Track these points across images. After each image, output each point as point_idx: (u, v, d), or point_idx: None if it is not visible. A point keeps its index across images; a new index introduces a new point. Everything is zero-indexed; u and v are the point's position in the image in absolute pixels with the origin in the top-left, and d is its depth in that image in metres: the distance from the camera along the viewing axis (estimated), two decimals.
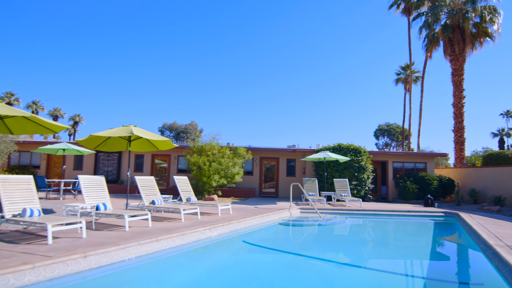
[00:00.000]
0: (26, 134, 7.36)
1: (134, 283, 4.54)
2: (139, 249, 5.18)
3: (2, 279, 3.49)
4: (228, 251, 6.76)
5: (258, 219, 9.04)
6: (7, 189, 5.73)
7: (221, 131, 53.68)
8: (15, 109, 5.44)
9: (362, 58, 74.15)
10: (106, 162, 18.57)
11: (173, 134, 58.54)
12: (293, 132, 73.84)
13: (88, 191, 7.17)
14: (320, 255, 6.62)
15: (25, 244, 4.97)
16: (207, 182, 14.50)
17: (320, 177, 15.88)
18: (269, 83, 75.10)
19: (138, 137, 8.48)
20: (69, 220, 5.56)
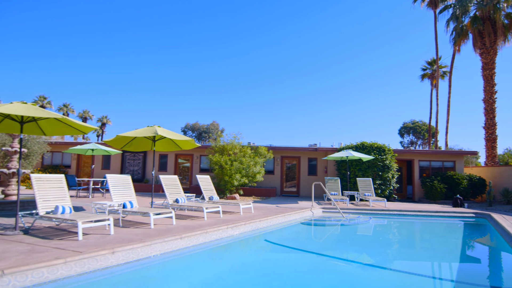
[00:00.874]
0: (57, 135, 7.72)
1: (160, 279, 4.67)
2: (164, 246, 5.32)
3: (37, 272, 3.70)
4: (250, 250, 6.80)
5: (280, 218, 9.03)
6: (41, 188, 6.06)
7: (242, 130, 54.07)
8: (48, 111, 5.73)
9: (386, 54, 72.14)
10: (132, 162, 19.17)
11: (195, 134, 59.52)
12: (314, 131, 73.05)
13: (115, 189, 7.44)
14: (343, 255, 6.52)
15: (58, 239, 5.22)
16: (228, 181, 14.64)
17: (343, 176, 15.62)
18: (290, 83, 74.69)
19: (162, 137, 8.70)
20: (98, 217, 5.79)
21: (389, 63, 71.73)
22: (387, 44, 70.28)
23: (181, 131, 60.00)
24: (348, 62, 71.85)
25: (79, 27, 70.48)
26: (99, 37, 71.98)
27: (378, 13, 66.75)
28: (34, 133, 7.13)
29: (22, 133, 6.13)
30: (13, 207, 8.34)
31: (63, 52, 72.67)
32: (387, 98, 75.57)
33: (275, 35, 70.21)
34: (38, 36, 69.45)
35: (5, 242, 4.90)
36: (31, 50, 70.88)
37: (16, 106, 5.39)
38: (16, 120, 6.20)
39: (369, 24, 68.52)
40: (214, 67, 74.64)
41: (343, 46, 69.89)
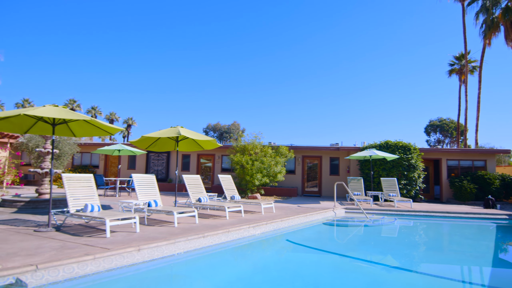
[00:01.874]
0: (86, 136, 8.06)
1: (183, 277, 4.77)
2: (187, 245, 5.42)
3: (68, 268, 3.88)
4: (272, 250, 6.80)
5: (302, 218, 8.97)
6: (71, 187, 6.35)
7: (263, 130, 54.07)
8: (77, 113, 5.99)
9: (411, 51, 69.89)
10: (156, 162, 19.67)
11: (216, 134, 60.20)
12: (336, 131, 71.95)
13: (141, 188, 7.66)
14: (367, 257, 6.38)
15: (87, 236, 5.45)
16: (250, 181, 14.70)
17: (366, 176, 15.28)
18: (312, 83, 74.00)
19: (185, 137, 8.87)
20: (125, 215, 5.99)
21: (415, 59, 69.45)
22: (413, 40, 68.06)
23: (202, 131, 60.89)
24: (371, 61, 70.22)
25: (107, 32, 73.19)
26: (125, 40, 74.44)
27: (403, 9, 64.79)
28: (65, 135, 7.48)
29: (54, 135, 6.45)
30: (46, 205, 8.79)
31: (91, 56, 75.71)
32: (412, 95, 73.22)
33: (298, 36, 69.86)
34: (69, 43, 72.73)
35: (39, 238, 5.18)
36: (61, 55, 74.34)
37: (48, 109, 5.68)
38: (49, 122, 6.53)
39: (393, 20, 66.66)
40: (236, 68, 75.24)
41: (367, 45, 68.38)
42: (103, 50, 75.78)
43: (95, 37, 73.88)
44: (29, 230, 5.83)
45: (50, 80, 78.91)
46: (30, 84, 77.50)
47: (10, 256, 4.06)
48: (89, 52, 75.66)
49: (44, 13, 68.40)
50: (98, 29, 73.60)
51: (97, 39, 74.39)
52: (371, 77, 71.19)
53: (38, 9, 67.05)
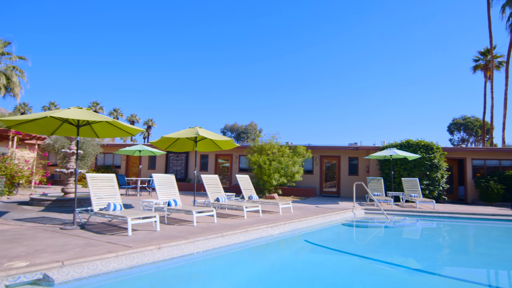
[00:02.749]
0: (109, 137, 8.30)
1: (202, 275, 4.83)
2: (206, 244, 5.49)
3: (92, 265, 4.00)
4: (290, 250, 6.77)
5: (320, 219, 8.88)
6: (95, 186, 6.56)
7: (280, 130, 54.04)
8: (100, 115, 6.19)
9: (433, 47, 67.77)
10: (175, 162, 20.01)
11: (234, 134, 60.54)
12: (354, 130, 70.81)
13: (161, 188, 7.82)
14: (388, 258, 6.24)
15: (110, 234, 5.62)
16: (267, 181, 14.70)
17: (386, 176, 14.95)
18: (329, 83, 73.17)
19: (203, 137, 8.98)
20: (145, 214, 6.13)
21: (437, 56, 67.29)
22: (435, 36, 65.97)
23: (220, 132, 61.40)
24: (391, 60, 68.61)
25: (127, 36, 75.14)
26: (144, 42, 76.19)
27: (424, 5, 62.91)
28: (88, 136, 7.74)
29: (78, 136, 6.68)
30: (71, 204, 9.12)
31: (114, 60, 77.96)
32: (434, 93, 70.99)
33: (317, 37, 69.38)
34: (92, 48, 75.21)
35: (65, 236, 5.38)
36: (85, 60, 77.01)
37: (73, 111, 5.89)
38: (73, 124, 6.78)
39: (414, 17, 64.85)
40: (253, 68, 75.46)
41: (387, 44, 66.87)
42: (125, 54, 77.89)
43: (117, 41, 76.07)
44: (56, 228, 6.07)
45: (75, 84, 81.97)
46: (56, 87, 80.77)
47: (38, 253, 4.24)
48: (111, 56, 77.98)
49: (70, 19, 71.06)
50: (119, 33, 75.72)
51: (119, 42, 76.56)
52: (391, 76, 69.59)
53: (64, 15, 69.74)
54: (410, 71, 69.57)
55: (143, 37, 77.12)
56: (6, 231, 5.67)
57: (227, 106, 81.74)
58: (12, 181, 12.36)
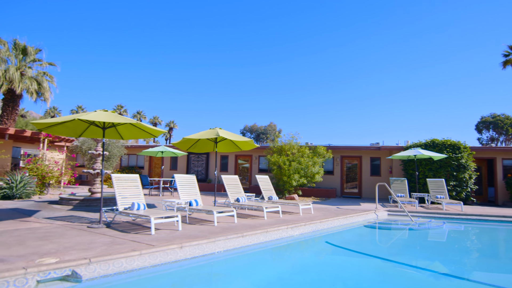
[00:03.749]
0: (133, 139, 8.55)
1: (223, 275, 4.88)
2: (227, 244, 5.53)
3: (117, 262, 4.14)
4: (311, 251, 6.71)
5: (341, 220, 8.75)
6: (120, 186, 6.77)
7: (299, 131, 53.67)
8: (125, 117, 6.39)
9: (459, 43, 65.13)
10: (196, 163, 20.32)
11: (253, 135, 60.70)
12: (376, 130, 69.24)
13: (182, 188, 7.96)
14: (412, 262, 6.06)
15: (134, 233, 5.78)
16: (287, 182, 14.63)
17: (410, 177, 14.50)
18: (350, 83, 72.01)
19: (223, 138, 9.08)
20: (168, 214, 6.27)
21: (463, 52, 64.60)
22: (461, 31, 63.38)
23: (240, 132, 61.74)
24: (414, 58, 66.55)
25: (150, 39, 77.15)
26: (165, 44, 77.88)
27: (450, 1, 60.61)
28: (113, 138, 8.00)
29: (104, 138, 6.93)
30: (98, 203, 9.46)
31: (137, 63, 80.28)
32: (461, 90, 68.15)
33: (338, 38, 68.46)
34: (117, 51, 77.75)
35: (92, 234, 5.59)
36: (110, 64, 79.74)
37: (99, 114, 6.12)
38: (99, 126, 7.03)
39: (439, 12, 62.61)
40: (272, 69, 75.40)
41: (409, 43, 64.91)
42: (148, 57, 80.00)
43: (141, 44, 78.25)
44: (83, 226, 6.32)
45: (100, 88, 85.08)
46: (83, 91, 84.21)
47: (67, 250, 4.43)
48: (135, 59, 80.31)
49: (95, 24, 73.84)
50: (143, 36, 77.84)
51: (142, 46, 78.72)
52: (414, 75, 67.48)
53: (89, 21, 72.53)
54: (435, 69, 67.20)
55: (165, 39, 78.95)
56: (38, 229, 5.96)
57: (247, 107, 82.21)
58: (43, 181, 12.99)
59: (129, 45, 78.84)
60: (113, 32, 76.48)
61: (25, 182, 11.19)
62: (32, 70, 20.43)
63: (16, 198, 10.93)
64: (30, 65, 20.53)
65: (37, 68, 20.93)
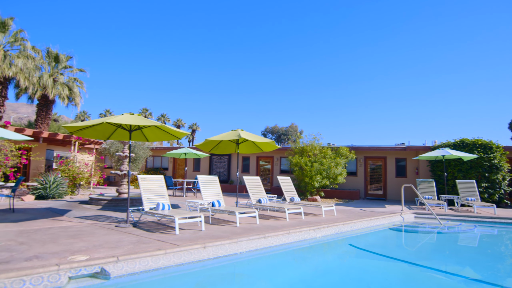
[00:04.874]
0: (157, 141, 8.80)
1: (246, 276, 4.91)
2: (249, 244, 5.57)
3: (143, 261, 4.26)
4: (334, 254, 6.61)
5: (366, 223, 8.56)
6: (145, 187, 6.98)
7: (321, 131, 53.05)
8: (150, 120, 6.58)
9: (490, 38, 62.00)
10: (218, 164, 20.57)
11: (274, 136, 60.60)
12: (401, 130, 67.19)
13: (205, 189, 8.09)
14: (441, 266, 5.83)
15: (159, 233, 5.94)
16: (309, 183, 14.50)
17: (438, 178, 13.96)
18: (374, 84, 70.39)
19: (245, 139, 9.14)
20: (191, 214, 6.39)
21: (494, 47, 61.40)
22: (492, 25, 60.29)
23: (261, 134, 61.83)
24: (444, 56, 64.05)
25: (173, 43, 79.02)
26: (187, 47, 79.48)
27: None
28: (139, 140, 8.26)
29: (130, 140, 7.17)
30: (125, 203, 9.79)
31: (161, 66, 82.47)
32: (492, 88, 64.79)
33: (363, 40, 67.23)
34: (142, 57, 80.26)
35: (119, 233, 5.80)
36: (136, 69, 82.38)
37: (126, 117, 6.34)
38: (126, 129, 7.29)
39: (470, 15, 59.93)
40: (294, 70, 75.05)
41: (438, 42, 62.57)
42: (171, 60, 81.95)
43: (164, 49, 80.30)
44: (111, 225, 6.57)
45: (127, 92, 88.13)
46: (111, 96, 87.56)
47: (96, 248, 4.63)
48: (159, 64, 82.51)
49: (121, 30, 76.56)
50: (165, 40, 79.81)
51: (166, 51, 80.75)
52: (441, 74, 64.89)
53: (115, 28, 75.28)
54: (464, 69, 64.33)
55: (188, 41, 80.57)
56: (70, 228, 6.26)
57: (268, 108, 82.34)
58: (74, 182, 13.60)
59: (153, 49, 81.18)
60: (139, 36, 79.12)
61: (57, 183, 11.77)
62: (63, 77, 21.51)
63: (49, 198, 11.51)
64: (62, 72, 21.62)
65: (68, 75, 22.03)
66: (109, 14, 73.87)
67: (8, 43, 17.76)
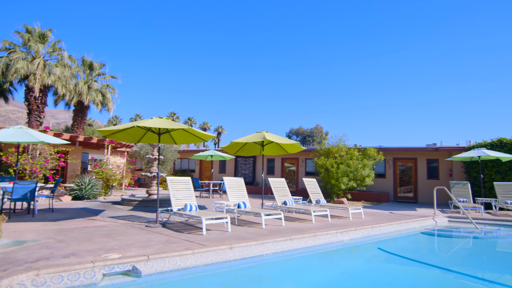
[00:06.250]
0: (185, 143, 9.03)
1: (272, 277, 4.92)
2: (275, 246, 5.57)
3: (172, 260, 4.39)
4: (362, 257, 6.46)
5: (395, 226, 8.29)
6: (174, 188, 7.18)
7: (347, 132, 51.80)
8: (178, 123, 6.79)
9: None
10: (243, 166, 20.73)
11: (299, 138, 60.13)
12: (432, 130, 64.35)
13: (231, 191, 8.20)
14: (478, 273, 5.53)
15: (187, 233, 6.09)
16: (335, 185, 14.24)
17: (474, 180, 13.23)
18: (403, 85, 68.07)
19: (270, 141, 9.17)
20: (218, 215, 6.50)
21: None
22: None
23: (285, 135, 61.57)
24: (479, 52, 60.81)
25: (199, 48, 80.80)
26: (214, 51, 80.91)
27: None
28: (167, 143, 8.53)
29: (159, 143, 7.42)
30: (154, 204, 10.12)
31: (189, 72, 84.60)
32: None
33: (394, 43, 65.43)
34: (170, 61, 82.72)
35: (149, 233, 6.00)
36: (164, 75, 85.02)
37: (155, 121, 6.58)
38: (155, 132, 7.55)
39: None
40: (319, 72, 74.29)
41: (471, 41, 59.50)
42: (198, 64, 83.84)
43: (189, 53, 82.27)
44: (142, 225, 6.82)
45: (156, 97, 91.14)
46: (141, 99, 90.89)
47: (128, 247, 4.83)
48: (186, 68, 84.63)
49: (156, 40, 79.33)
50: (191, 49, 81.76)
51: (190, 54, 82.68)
52: (476, 73, 61.60)
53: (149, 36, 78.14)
54: (500, 61, 60.63)
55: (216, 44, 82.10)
56: (103, 227, 6.57)
57: (292, 110, 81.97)
58: (107, 183, 14.24)
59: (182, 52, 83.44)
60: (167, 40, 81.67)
61: (92, 185, 12.38)
62: (97, 83, 22.64)
63: (85, 199, 12.13)
64: (96, 79, 22.76)
65: (101, 81, 23.15)
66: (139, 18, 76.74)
67: (47, 53, 18.96)
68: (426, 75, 63.67)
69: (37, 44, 18.14)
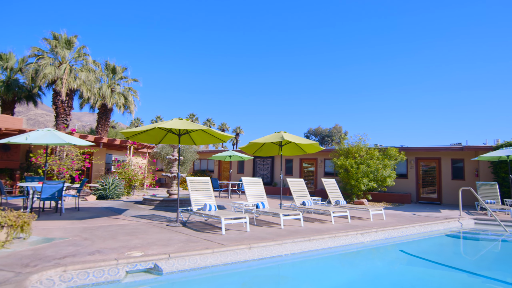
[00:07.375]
0: (204, 144, 9.16)
1: (291, 278, 4.90)
2: (294, 247, 5.55)
3: (192, 259, 4.46)
4: (384, 260, 6.33)
5: (418, 228, 8.06)
6: (193, 188, 7.30)
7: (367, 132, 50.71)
8: (197, 124, 6.90)
9: None
10: (261, 166, 20.75)
11: (318, 138, 59.53)
12: (456, 129, 62.04)
13: (250, 191, 8.23)
14: (507, 278, 5.29)
15: (206, 232, 6.17)
16: (355, 186, 14.00)
17: (502, 181, 12.66)
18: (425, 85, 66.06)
19: (288, 141, 9.14)
20: (237, 215, 6.55)
21: None
22: None
23: (304, 135, 61.12)
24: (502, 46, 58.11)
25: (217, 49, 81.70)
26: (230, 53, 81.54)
27: None
28: (187, 144, 8.67)
29: (179, 144, 7.57)
30: (175, 204, 10.32)
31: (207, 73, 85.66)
32: None
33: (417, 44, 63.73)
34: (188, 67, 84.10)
35: (170, 232, 6.13)
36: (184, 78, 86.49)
37: (175, 122, 6.71)
38: (175, 133, 7.70)
39: None
40: (338, 72, 73.35)
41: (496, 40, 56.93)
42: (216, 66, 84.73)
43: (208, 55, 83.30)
44: (163, 224, 6.97)
45: (176, 98, 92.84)
46: (161, 102, 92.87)
47: (150, 245, 4.95)
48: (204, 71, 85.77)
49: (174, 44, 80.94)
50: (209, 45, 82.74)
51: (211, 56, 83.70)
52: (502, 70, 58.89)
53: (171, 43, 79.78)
54: None
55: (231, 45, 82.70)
56: (126, 226, 6.77)
57: (310, 110, 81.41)
58: (130, 183, 14.65)
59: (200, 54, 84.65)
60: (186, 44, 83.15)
61: (115, 185, 12.77)
62: (119, 87, 23.34)
63: (109, 198, 12.53)
64: (118, 82, 23.48)
65: (124, 85, 23.84)
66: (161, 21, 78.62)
67: (73, 58, 19.72)
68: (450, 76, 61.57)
69: (63, 50, 18.91)
